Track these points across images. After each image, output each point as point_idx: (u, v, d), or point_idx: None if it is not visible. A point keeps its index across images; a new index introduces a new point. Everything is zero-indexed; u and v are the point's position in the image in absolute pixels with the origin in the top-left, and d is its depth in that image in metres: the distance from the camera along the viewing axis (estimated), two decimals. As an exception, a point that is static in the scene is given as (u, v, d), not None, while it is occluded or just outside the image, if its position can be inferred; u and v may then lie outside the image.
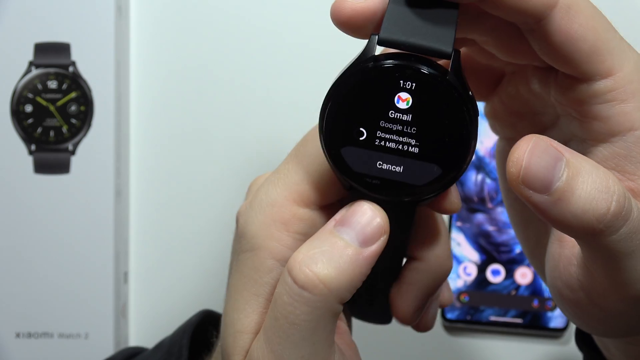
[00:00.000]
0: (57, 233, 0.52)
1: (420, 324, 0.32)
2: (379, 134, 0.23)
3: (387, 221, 0.25)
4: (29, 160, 0.52)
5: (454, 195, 0.26)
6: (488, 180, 0.54)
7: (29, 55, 0.52)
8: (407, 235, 0.27)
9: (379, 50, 0.23)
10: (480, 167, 0.54)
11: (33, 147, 0.52)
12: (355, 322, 0.35)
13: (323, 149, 0.24)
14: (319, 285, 0.23)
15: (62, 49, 0.52)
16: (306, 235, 0.26)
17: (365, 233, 0.24)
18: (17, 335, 0.52)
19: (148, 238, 0.56)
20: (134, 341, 0.56)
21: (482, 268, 0.54)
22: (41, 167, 0.52)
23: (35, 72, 0.52)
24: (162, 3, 0.55)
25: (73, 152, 0.52)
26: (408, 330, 0.56)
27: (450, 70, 0.23)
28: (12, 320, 0.52)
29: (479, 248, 0.54)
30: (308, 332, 0.23)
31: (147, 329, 0.57)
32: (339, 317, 0.26)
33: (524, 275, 0.54)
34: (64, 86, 0.52)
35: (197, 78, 0.55)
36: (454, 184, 0.25)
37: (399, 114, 0.23)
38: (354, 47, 0.55)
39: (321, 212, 0.26)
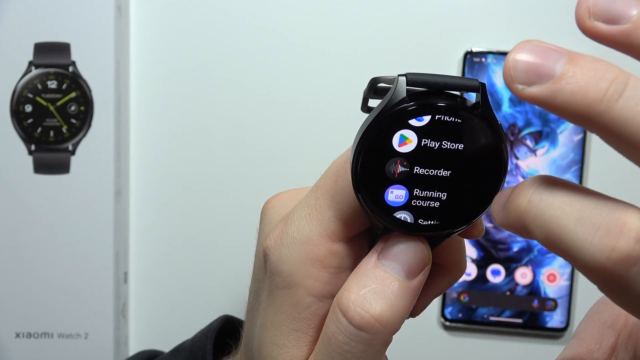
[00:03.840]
0: (57, 233, 0.52)
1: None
2: (415, 170, 0.24)
3: (430, 251, 0.25)
4: (29, 160, 0.52)
5: (480, 221, 0.27)
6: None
7: (29, 55, 0.52)
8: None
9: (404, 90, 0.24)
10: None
11: (33, 147, 0.52)
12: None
13: (357, 194, 0.24)
14: (376, 325, 0.24)
15: (62, 49, 0.51)
16: (340, 268, 0.26)
17: (410, 265, 0.24)
18: (17, 335, 0.52)
19: (148, 238, 0.56)
20: (134, 341, 0.56)
21: (482, 268, 0.55)
22: (41, 167, 0.52)
23: (35, 72, 0.52)
24: (162, 3, 0.55)
25: (73, 152, 0.52)
26: (408, 330, 0.56)
27: (480, 103, 0.24)
28: (12, 320, 0.52)
29: (477, 244, 0.54)
30: None
31: (147, 329, 0.57)
32: None
33: (523, 275, 0.54)
34: (64, 86, 0.52)
35: (197, 78, 0.55)
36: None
37: (434, 151, 0.24)
38: (354, 47, 0.55)
39: (349, 243, 0.27)
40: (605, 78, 0.18)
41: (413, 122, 0.23)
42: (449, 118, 0.23)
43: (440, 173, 0.24)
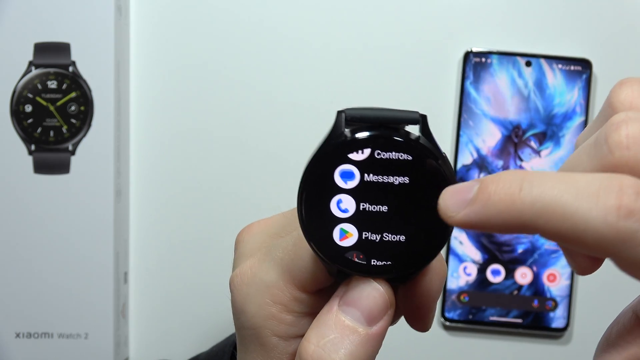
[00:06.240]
0: (57, 233, 0.52)
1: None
2: (362, 206, 0.23)
3: (392, 294, 0.24)
4: (29, 160, 0.52)
5: (441, 263, 0.26)
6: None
7: (29, 55, 0.52)
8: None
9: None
10: (483, 165, 0.54)
11: (33, 147, 0.52)
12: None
13: (305, 234, 0.23)
14: None
15: (62, 49, 0.51)
16: (305, 313, 0.26)
17: (371, 311, 0.24)
18: (17, 335, 0.52)
19: (148, 238, 0.56)
20: (134, 341, 0.56)
21: (482, 268, 0.54)
22: (41, 167, 0.52)
23: (35, 72, 0.52)
24: (162, 3, 0.55)
25: (73, 152, 0.52)
26: (408, 330, 0.56)
27: (421, 134, 0.23)
28: (12, 320, 0.52)
29: (481, 247, 0.54)
30: None
31: (147, 329, 0.57)
32: None
33: (524, 275, 0.54)
34: (64, 86, 0.52)
35: (197, 78, 0.55)
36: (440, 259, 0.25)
37: (378, 185, 0.23)
38: (354, 47, 0.55)
39: (318, 294, 0.26)
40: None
41: (353, 155, 0.23)
42: (389, 151, 0.22)
43: (387, 209, 0.23)
